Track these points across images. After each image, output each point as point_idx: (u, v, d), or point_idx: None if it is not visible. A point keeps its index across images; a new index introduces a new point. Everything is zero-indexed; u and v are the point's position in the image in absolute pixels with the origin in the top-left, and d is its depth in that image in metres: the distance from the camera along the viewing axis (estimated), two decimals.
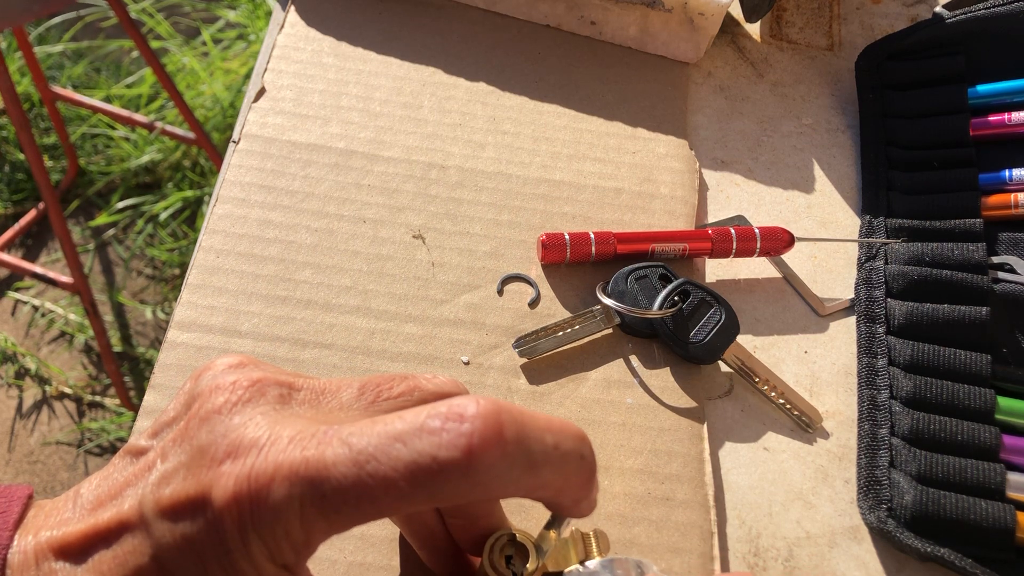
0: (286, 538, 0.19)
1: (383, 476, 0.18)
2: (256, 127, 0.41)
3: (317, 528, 0.19)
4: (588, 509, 0.23)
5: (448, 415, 0.18)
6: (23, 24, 0.92)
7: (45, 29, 1.47)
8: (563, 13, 0.46)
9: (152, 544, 0.19)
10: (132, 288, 1.28)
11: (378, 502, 0.18)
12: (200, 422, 0.20)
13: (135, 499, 0.20)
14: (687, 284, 0.36)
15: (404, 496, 0.18)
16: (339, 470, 0.18)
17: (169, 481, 0.20)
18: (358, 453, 0.18)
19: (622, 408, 0.35)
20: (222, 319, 0.35)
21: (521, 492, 0.20)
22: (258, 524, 0.18)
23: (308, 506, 0.18)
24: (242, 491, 0.18)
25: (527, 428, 0.19)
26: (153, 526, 0.19)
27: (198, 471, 0.19)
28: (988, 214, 0.40)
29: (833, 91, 0.48)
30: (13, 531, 0.20)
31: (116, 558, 0.19)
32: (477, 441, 0.18)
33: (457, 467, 0.18)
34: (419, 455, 0.18)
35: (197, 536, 0.19)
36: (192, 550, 0.19)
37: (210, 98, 1.39)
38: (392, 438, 0.18)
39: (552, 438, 0.20)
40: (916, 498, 0.32)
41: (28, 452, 1.12)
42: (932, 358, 0.35)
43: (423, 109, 0.43)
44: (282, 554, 0.19)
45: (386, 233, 0.38)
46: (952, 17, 0.44)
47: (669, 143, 0.43)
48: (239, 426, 0.20)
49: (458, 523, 0.25)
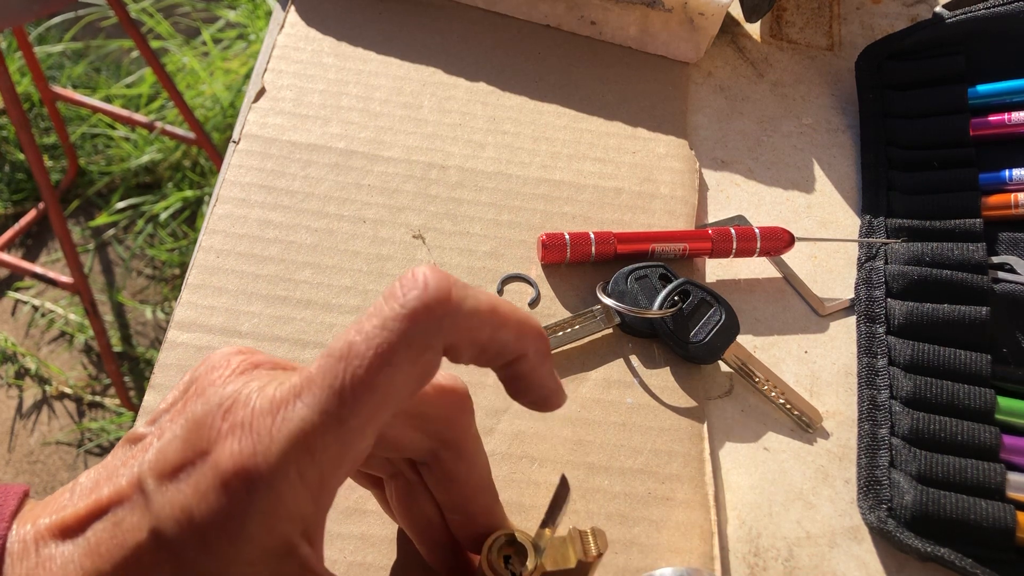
0: (301, 481, 0.18)
1: (364, 350, 0.19)
2: (256, 127, 0.40)
3: (329, 455, 0.18)
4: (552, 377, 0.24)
5: (401, 279, 0.20)
6: (23, 24, 0.92)
7: (45, 29, 1.47)
8: (563, 13, 0.46)
9: (151, 517, 0.18)
10: (132, 288, 1.28)
11: (372, 383, 0.19)
12: (196, 396, 0.20)
13: (132, 474, 0.19)
14: (687, 284, 0.36)
15: (389, 360, 0.19)
16: (328, 375, 0.19)
17: (166, 452, 0.19)
18: (338, 351, 0.19)
19: (622, 408, 0.35)
20: (222, 319, 0.35)
21: (487, 329, 0.21)
22: (267, 474, 0.18)
23: (312, 431, 0.18)
24: (244, 445, 0.18)
25: (469, 285, 0.21)
26: (151, 498, 0.19)
27: (195, 439, 0.19)
28: (988, 214, 0.40)
29: (833, 91, 0.48)
30: (10, 522, 0.20)
31: (114, 537, 0.19)
32: (431, 280, 0.20)
33: (421, 304, 0.19)
34: (387, 314, 0.19)
35: (198, 504, 0.18)
36: (191, 521, 0.18)
37: (210, 98, 1.39)
38: (362, 322, 0.20)
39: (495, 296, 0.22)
40: (916, 498, 0.32)
41: (28, 452, 1.12)
42: (932, 358, 0.35)
43: (423, 109, 0.43)
44: (299, 502, 0.18)
45: (386, 233, 0.38)
46: (952, 17, 0.44)
47: (669, 143, 0.43)
48: (233, 393, 0.20)
49: (458, 519, 0.25)
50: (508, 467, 0.33)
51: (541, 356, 0.23)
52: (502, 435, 0.33)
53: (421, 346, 0.19)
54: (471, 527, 0.25)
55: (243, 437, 0.18)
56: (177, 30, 1.49)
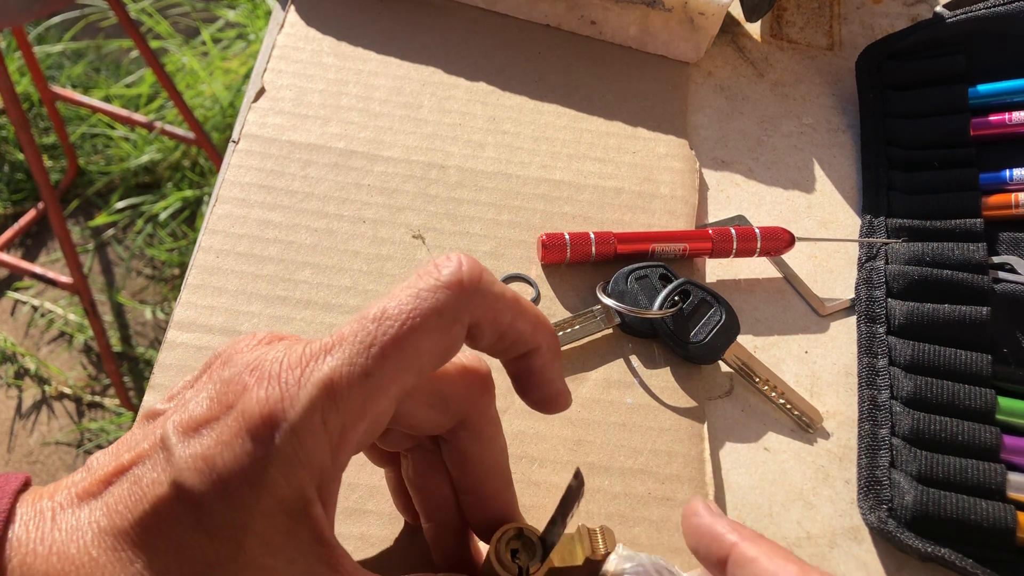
0: (323, 427, 0.19)
1: (397, 314, 0.20)
2: (256, 127, 0.40)
3: (352, 406, 0.19)
4: (560, 378, 0.25)
5: (437, 259, 0.22)
6: (23, 24, 0.92)
7: (45, 29, 1.47)
8: (563, 13, 0.46)
9: (172, 470, 0.18)
10: (132, 288, 1.28)
11: (401, 343, 0.20)
12: (222, 364, 0.21)
13: (155, 436, 0.19)
14: (687, 284, 0.36)
15: (418, 326, 0.20)
16: (360, 333, 0.20)
17: (191, 410, 0.19)
18: (371, 315, 0.20)
19: (622, 408, 0.35)
20: (222, 319, 0.35)
21: (507, 314, 0.22)
22: (292, 419, 0.18)
23: (339, 380, 0.19)
24: (271, 392, 0.19)
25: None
26: (174, 451, 0.18)
27: (223, 396, 0.19)
28: (988, 214, 0.40)
29: (833, 91, 0.48)
30: (14, 497, 0.19)
31: (133, 494, 0.18)
32: (466, 262, 0.21)
33: (456, 279, 0.21)
34: (422, 285, 0.21)
35: (221, 452, 0.18)
36: (213, 469, 0.18)
37: (210, 98, 1.39)
38: (395, 292, 0.21)
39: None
40: (917, 498, 0.32)
41: (27, 452, 1.12)
42: (933, 358, 0.35)
43: (423, 109, 0.43)
44: (319, 451, 0.19)
45: (386, 233, 0.38)
46: (952, 17, 0.43)
47: (669, 143, 0.43)
48: (260, 354, 0.20)
49: (470, 500, 0.25)
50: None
51: (552, 353, 0.24)
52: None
53: (451, 317, 0.21)
54: (482, 510, 0.25)
55: (270, 386, 0.19)
56: (176, 30, 1.49)
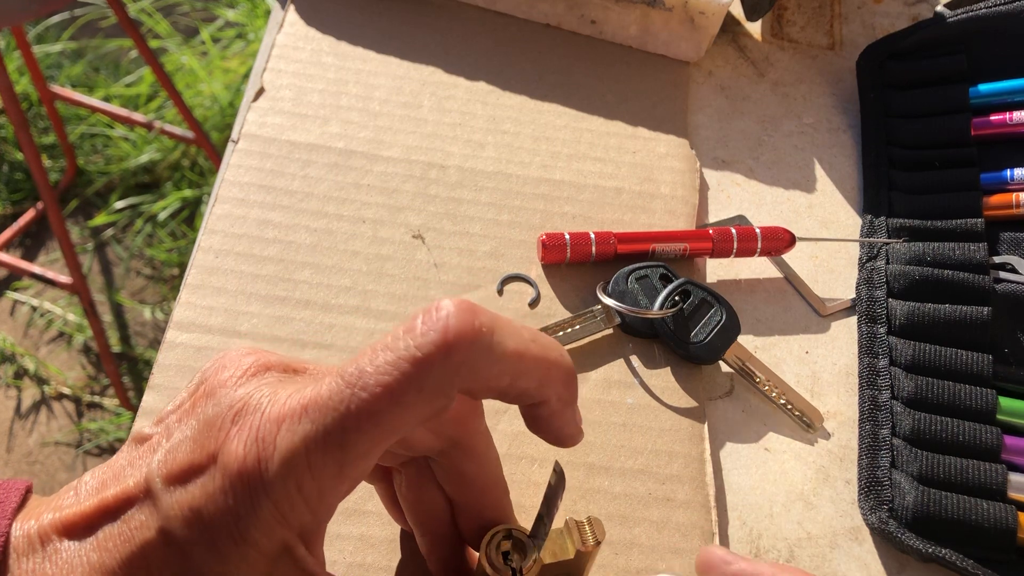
0: (299, 493, 0.18)
1: (374, 384, 0.18)
2: (255, 127, 0.40)
3: (328, 473, 0.19)
4: (572, 423, 0.23)
5: (424, 313, 0.19)
6: (22, 23, 0.92)
7: (44, 28, 1.47)
8: (563, 12, 0.46)
9: (159, 516, 0.19)
10: (131, 288, 1.28)
11: (377, 417, 0.18)
12: (206, 397, 0.20)
13: (140, 475, 0.19)
14: (688, 284, 0.36)
15: (397, 399, 0.18)
16: (335, 399, 0.19)
17: (175, 453, 0.19)
18: (349, 376, 0.19)
19: (623, 408, 0.35)
20: (221, 319, 0.35)
21: (505, 378, 0.20)
22: (268, 483, 0.18)
23: (314, 449, 0.18)
24: (249, 450, 0.18)
25: (500, 321, 0.20)
26: (160, 498, 0.19)
27: (205, 441, 0.19)
28: (989, 214, 0.40)
29: (834, 90, 0.47)
30: (11, 519, 0.20)
31: (122, 534, 0.19)
32: (453, 323, 0.19)
33: (438, 350, 0.19)
34: (403, 351, 0.19)
35: (205, 505, 0.18)
36: (201, 521, 0.18)
37: (209, 97, 1.38)
38: (378, 350, 0.19)
39: (528, 333, 0.21)
40: (917, 499, 0.32)
41: (27, 452, 1.12)
42: (933, 358, 0.35)
43: (423, 109, 0.42)
44: (296, 513, 0.19)
45: (386, 233, 0.38)
46: (953, 16, 0.43)
47: (670, 142, 0.43)
48: (244, 397, 0.20)
49: (466, 513, 0.25)
50: (508, 468, 0.32)
51: (563, 403, 0.22)
52: (502, 435, 0.33)
53: (434, 391, 0.19)
54: (479, 521, 0.25)
55: (249, 441, 0.19)
56: (176, 29, 1.49)
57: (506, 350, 0.20)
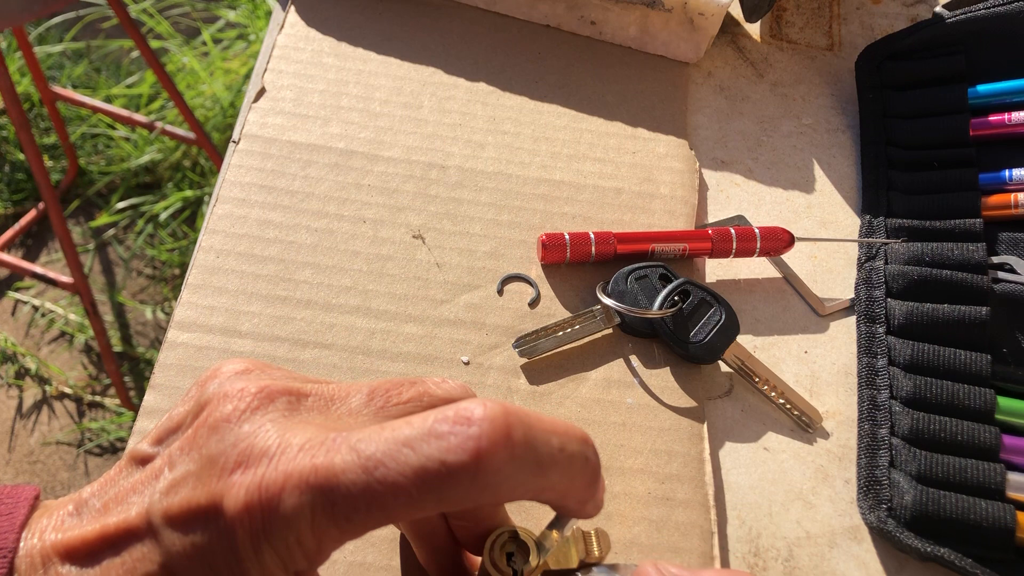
0: (298, 546, 0.19)
1: (392, 482, 0.18)
2: (256, 127, 0.41)
3: (329, 536, 0.19)
4: (594, 510, 0.23)
5: (455, 419, 0.18)
6: (23, 24, 0.92)
7: (45, 29, 1.47)
8: (563, 13, 0.46)
9: (162, 552, 0.19)
10: (132, 288, 1.28)
11: (388, 508, 0.18)
12: (209, 431, 0.20)
13: (142, 506, 0.20)
14: (687, 284, 0.36)
15: (413, 501, 0.18)
16: (348, 477, 0.18)
17: (178, 489, 0.19)
18: (367, 459, 0.18)
19: (622, 408, 0.35)
20: (222, 319, 0.35)
21: (528, 494, 0.20)
22: (270, 533, 0.18)
23: (319, 514, 0.18)
24: (253, 501, 0.18)
25: (533, 430, 0.19)
26: (162, 534, 0.19)
27: (208, 480, 0.19)
28: (988, 214, 0.40)
29: (833, 91, 0.48)
30: (19, 533, 0.20)
31: (125, 565, 0.19)
32: (485, 444, 0.18)
33: (466, 470, 0.18)
34: (427, 459, 0.18)
35: (208, 546, 0.19)
36: (203, 559, 0.19)
37: (210, 98, 1.39)
38: (400, 443, 0.18)
39: (557, 440, 0.20)
40: (916, 498, 0.32)
41: (28, 452, 1.12)
42: (932, 358, 0.35)
43: (423, 109, 0.43)
44: (294, 562, 0.19)
45: (386, 233, 0.38)
46: (952, 17, 0.44)
47: (669, 143, 0.43)
48: (249, 435, 0.20)
49: (462, 523, 0.25)
50: None
51: (580, 504, 0.22)
52: None
53: (451, 503, 0.18)
54: (476, 529, 0.25)
55: (253, 492, 0.19)
56: (177, 30, 1.49)
57: (528, 467, 0.19)
